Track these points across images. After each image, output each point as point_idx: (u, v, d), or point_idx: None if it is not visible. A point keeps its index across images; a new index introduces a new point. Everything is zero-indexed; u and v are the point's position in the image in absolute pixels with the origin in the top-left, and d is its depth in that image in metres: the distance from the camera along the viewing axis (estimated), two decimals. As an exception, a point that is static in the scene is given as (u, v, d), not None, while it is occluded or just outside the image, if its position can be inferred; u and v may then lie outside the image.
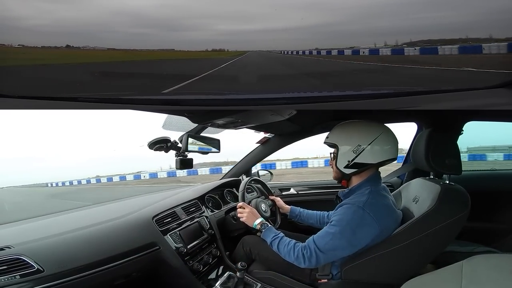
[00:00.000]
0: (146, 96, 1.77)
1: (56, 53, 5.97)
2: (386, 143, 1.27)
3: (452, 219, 1.16)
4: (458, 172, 1.30)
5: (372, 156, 1.25)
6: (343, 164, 1.28)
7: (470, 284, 0.63)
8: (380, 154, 1.26)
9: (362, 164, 1.26)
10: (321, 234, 1.22)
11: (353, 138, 1.27)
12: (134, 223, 1.41)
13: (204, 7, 7.17)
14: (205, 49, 7.35)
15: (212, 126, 1.60)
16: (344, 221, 1.18)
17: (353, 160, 1.26)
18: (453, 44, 6.32)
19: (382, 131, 1.27)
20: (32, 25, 6.53)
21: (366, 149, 1.25)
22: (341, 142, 1.29)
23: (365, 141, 1.25)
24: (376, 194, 1.24)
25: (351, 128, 1.31)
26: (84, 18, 6.33)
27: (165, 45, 7.14)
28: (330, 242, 1.18)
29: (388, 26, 7.20)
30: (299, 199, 2.30)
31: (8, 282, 0.97)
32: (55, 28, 6.59)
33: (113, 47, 6.64)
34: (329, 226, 1.22)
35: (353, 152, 1.26)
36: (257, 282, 1.44)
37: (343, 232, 1.17)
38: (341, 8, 7.67)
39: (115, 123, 79.74)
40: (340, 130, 1.33)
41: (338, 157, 1.30)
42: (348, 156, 1.27)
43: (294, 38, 7.71)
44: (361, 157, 1.25)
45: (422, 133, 1.39)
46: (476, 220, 1.40)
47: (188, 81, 4.16)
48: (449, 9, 6.55)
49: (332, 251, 1.19)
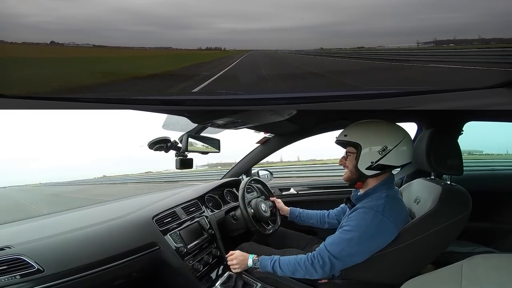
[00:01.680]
0: (146, 96, 1.78)
1: (54, 51, 5.96)
2: (410, 146, 1.24)
3: (453, 220, 1.16)
4: (459, 172, 1.30)
5: (397, 158, 1.21)
6: (366, 165, 1.22)
7: (470, 284, 0.63)
8: (404, 157, 1.23)
9: (386, 166, 1.21)
10: (335, 241, 1.17)
11: (379, 138, 1.22)
12: (134, 223, 1.41)
13: (205, 6, 7.16)
14: (205, 47, 7.31)
15: (212, 126, 1.60)
16: (362, 227, 1.14)
17: (377, 162, 1.21)
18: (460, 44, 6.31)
19: (406, 133, 1.24)
20: (34, 22, 6.52)
21: (392, 150, 1.20)
22: (365, 142, 1.22)
23: (392, 143, 1.20)
24: (393, 198, 1.22)
25: (376, 128, 1.26)
26: (86, 15, 6.33)
27: (164, 43, 7.10)
28: (346, 249, 1.14)
29: (391, 26, 7.20)
30: (299, 199, 2.31)
31: (8, 282, 0.97)
32: (58, 26, 6.59)
33: (115, 45, 6.62)
34: (343, 232, 1.17)
35: (378, 153, 1.20)
36: (257, 282, 1.44)
37: (361, 238, 1.13)
38: (345, 8, 7.68)
39: (115, 123, 79.87)
40: (364, 129, 1.27)
41: (361, 157, 1.23)
42: (372, 157, 1.21)
43: (296, 37, 7.70)
44: (386, 158, 1.20)
45: (423, 133, 1.39)
46: (476, 220, 1.39)
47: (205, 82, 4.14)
48: (454, 10, 6.55)
49: (350, 257, 1.15)
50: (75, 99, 1.19)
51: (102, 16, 6.44)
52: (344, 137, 1.27)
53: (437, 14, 6.37)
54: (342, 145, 1.32)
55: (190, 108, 1.21)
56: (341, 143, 1.31)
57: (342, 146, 1.33)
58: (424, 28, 6.63)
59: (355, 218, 1.18)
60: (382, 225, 1.13)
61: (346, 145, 1.30)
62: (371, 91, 1.52)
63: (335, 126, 2.00)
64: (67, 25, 6.32)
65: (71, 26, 6.31)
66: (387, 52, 6.73)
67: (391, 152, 1.20)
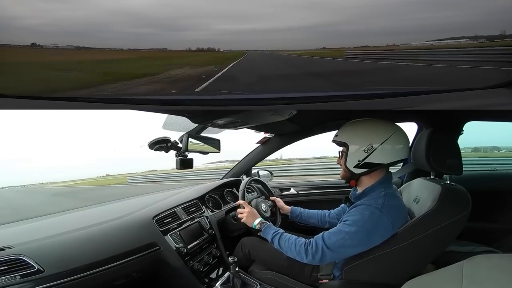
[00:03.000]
0: (146, 96, 1.78)
1: (53, 53, 5.93)
2: (398, 143, 1.23)
3: (453, 219, 1.16)
4: (459, 172, 1.30)
5: (383, 156, 1.22)
6: (353, 163, 1.25)
7: (470, 284, 0.63)
8: (392, 154, 1.23)
9: (373, 164, 1.22)
10: (333, 231, 1.19)
11: (364, 137, 1.23)
12: (134, 223, 1.41)
13: (202, 7, 7.10)
14: (202, 48, 7.23)
15: (212, 126, 1.60)
16: (360, 221, 1.15)
17: (363, 160, 1.23)
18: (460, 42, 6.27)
19: (395, 130, 1.24)
20: (29, 24, 6.47)
21: (377, 148, 1.21)
22: (351, 140, 1.25)
23: (377, 141, 1.21)
24: (391, 196, 1.22)
25: (362, 126, 1.27)
26: (81, 17, 6.28)
27: (160, 45, 7.03)
28: (341, 240, 1.16)
29: (391, 26, 7.15)
30: (299, 199, 2.31)
31: (9, 282, 0.97)
32: (53, 28, 6.55)
33: (110, 47, 6.58)
34: (343, 225, 1.19)
35: (364, 151, 1.22)
36: (257, 282, 1.44)
37: (357, 233, 1.14)
38: (344, 7, 7.63)
39: (115, 123, 79.94)
40: (351, 128, 1.29)
41: (348, 156, 1.26)
42: (358, 156, 1.23)
43: (296, 38, 7.65)
44: (372, 156, 1.21)
45: (423, 133, 1.39)
46: (476, 220, 1.39)
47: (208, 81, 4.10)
48: (454, 9, 6.51)
49: (341, 248, 1.17)
50: (74, 99, 1.19)
51: (98, 18, 6.39)
52: (335, 137, 1.32)
53: (437, 12, 6.35)
54: (337, 144, 1.34)
55: (190, 108, 1.20)
56: (336, 143, 1.34)
57: (339, 146, 1.35)
58: (424, 27, 6.60)
59: (354, 213, 1.19)
60: (380, 221, 1.14)
61: (338, 145, 1.33)
62: (371, 91, 1.52)
63: (335, 126, 1.99)
64: (64, 27, 6.29)
65: (68, 28, 6.27)
66: (389, 52, 6.69)
67: (376, 150, 1.21)
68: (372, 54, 6.84)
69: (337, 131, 1.32)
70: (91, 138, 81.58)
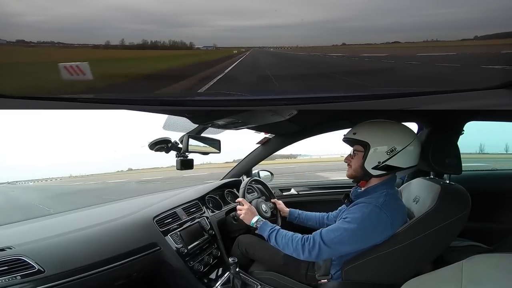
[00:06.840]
0: (146, 96, 1.78)
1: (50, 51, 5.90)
2: (418, 148, 1.23)
3: (452, 219, 1.16)
4: (458, 171, 1.30)
5: (403, 160, 1.20)
6: (372, 164, 1.21)
7: (470, 283, 0.63)
8: (412, 159, 1.22)
9: (392, 167, 1.20)
10: (332, 228, 1.19)
11: (387, 139, 1.20)
12: (134, 224, 1.41)
13: (203, 3, 7.07)
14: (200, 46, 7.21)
15: (212, 127, 1.60)
16: (359, 218, 1.15)
17: (384, 162, 1.20)
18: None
19: (415, 135, 1.24)
20: (29, 21, 6.44)
21: (400, 152, 1.19)
22: (374, 141, 1.21)
23: (401, 144, 1.19)
24: (392, 197, 1.22)
25: (386, 128, 1.25)
26: (80, 13, 6.25)
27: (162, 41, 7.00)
28: (339, 237, 1.15)
29: (393, 22, 7.11)
30: (299, 199, 2.31)
31: (9, 282, 0.97)
32: (53, 25, 6.51)
33: (111, 44, 6.55)
34: (342, 222, 1.18)
35: (386, 153, 1.19)
36: (257, 283, 1.44)
37: (356, 230, 1.14)
38: (346, 4, 7.60)
39: (115, 124, 79.93)
40: (373, 128, 1.25)
41: (368, 156, 1.21)
42: (379, 157, 1.20)
43: (297, 34, 7.63)
44: (393, 159, 1.19)
45: (422, 132, 1.39)
46: (476, 220, 1.39)
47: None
48: (457, 5, 6.47)
49: (339, 245, 1.16)
50: (74, 99, 1.19)
51: (98, 15, 6.35)
52: (353, 135, 1.26)
53: (436, 10, 6.32)
54: (350, 143, 1.32)
55: (191, 109, 1.21)
56: (349, 141, 1.31)
57: (350, 144, 1.32)
58: (424, 26, 6.57)
59: (354, 211, 1.19)
60: (379, 219, 1.14)
61: (353, 143, 1.30)
62: (372, 92, 1.52)
63: (335, 126, 2.00)
64: (64, 24, 6.25)
65: (68, 25, 6.23)
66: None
67: (399, 154, 1.19)
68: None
69: (353, 129, 1.28)
70: (91, 138, 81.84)
